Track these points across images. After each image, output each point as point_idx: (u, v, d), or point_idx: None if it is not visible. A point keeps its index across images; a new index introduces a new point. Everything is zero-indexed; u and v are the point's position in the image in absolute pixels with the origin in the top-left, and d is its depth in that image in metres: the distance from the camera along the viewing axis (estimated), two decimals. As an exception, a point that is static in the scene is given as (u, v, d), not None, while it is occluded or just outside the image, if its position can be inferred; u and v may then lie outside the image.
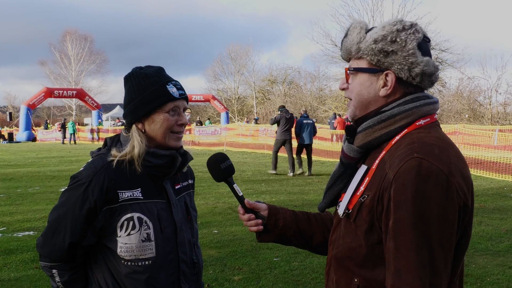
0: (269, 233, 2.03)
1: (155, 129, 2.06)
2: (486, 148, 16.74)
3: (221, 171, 2.04)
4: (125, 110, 2.11)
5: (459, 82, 39.42)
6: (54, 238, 2.01)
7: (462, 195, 1.47)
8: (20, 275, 5.86)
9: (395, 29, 1.63)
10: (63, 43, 63.04)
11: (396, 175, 1.49)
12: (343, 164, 1.78)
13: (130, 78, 2.11)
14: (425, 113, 1.64)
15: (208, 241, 7.19)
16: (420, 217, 1.43)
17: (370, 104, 1.70)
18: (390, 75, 1.65)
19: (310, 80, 55.96)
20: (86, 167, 2.05)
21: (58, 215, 2.02)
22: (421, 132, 1.60)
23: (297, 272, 5.90)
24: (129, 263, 2.01)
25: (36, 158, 23.03)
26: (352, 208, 1.64)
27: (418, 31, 1.65)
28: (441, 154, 1.50)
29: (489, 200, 10.81)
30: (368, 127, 1.67)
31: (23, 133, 42.37)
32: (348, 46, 1.72)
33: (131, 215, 2.00)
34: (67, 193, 2.03)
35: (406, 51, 1.61)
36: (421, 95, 1.67)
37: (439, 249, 1.43)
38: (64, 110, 67.54)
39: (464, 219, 1.50)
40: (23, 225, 8.46)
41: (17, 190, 12.58)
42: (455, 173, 1.48)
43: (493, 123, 31.43)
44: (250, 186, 12.96)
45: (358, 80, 1.71)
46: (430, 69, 1.63)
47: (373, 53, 1.64)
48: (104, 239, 2.02)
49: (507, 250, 6.82)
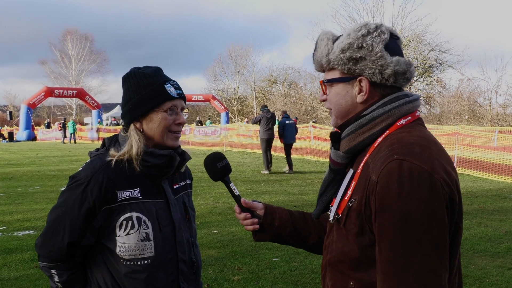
0: (265, 232, 2.05)
1: (153, 128, 2.07)
2: (486, 150, 16.72)
3: (217, 170, 2.05)
4: (123, 110, 2.12)
5: (459, 83, 39.46)
6: (53, 238, 2.02)
7: (448, 190, 1.47)
8: (19, 274, 5.87)
9: (360, 34, 1.64)
10: (64, 42, 63.07)
11: (378, 178, 1.49)
12: (332, 171, 1.79)
13: (128, 78, 2.12)
14: (405, 112, 1.65)
15: (208, 241, 7.19)
16: (406, 219, 1.43)
17: (350, 111, 1.71)
18: (363, 81, 1.66)
19: (310, 80, 55.95)
20: (85, 167, 2.06)
21: (57, 215, 2.02)
22: (402, 132, 1.61)
23: (297, 273, 5.91)
24: (128, 263, 2.01)
25: (36, 157, 23.05)
26: (341, 213, 1.65)
27: (384, 32, 1.65)
28: (422, 152, 1.50)
29: (489, 201, 10.81)
30: (351, 132, 1.68)
31: (23, 132, 42.39)
32: (319, 59, 1.74)
33: (130, 214, 2.01)
34: (66, 193, 2.04)
35: (374, 55, 1.62)
36: (400, 94, 1.67)
37: (430, 247, 1.42)
38: (65, 110, 67.58)
39: (453, 214, 1.50)
40: (23, 224, 8.47)
41: (17, 189, 12.60)
42: (439, 169, 1.47)
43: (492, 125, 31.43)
44: (249, 186, 12.97)
45: (334, 90, 1.72)
46: (402, 67, 1.64)
47: (343, 63, 1.66)
48: (103, 239, 2.03)
49: (506, 251, 6.83)
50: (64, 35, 63.20)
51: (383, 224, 1.47)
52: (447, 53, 40.30)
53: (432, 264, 1.43)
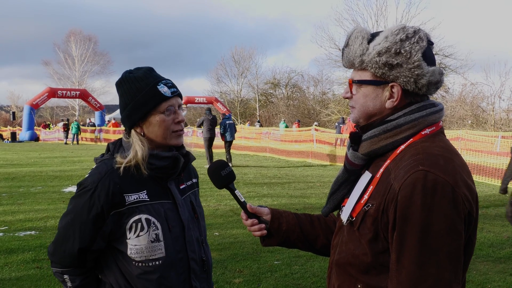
0: (273, 237, 2.04)
1: (153, 131, 2.08)
2: (489, 154, 16.68)
3: (222, 178, 2.06)
4: (122, 116, 2.13)
5: (463, 87, 39.28)
6: (64, 244, 2.05)
7: (468, 205, 1.47)
8: (21, 275, 5.87)
9: (398, 39, 1.59)
10: (68, 43, 63.04)
11: (401, 187, 1.48)
12: (347, 170, 1.78)
13: (121, 84, 2.13)
14: (431, 122, 1.63)
15: (209, 243, 7.07)
16: (426, 231, 1.43)
17: (376, 114, 1.69)
18: (396, 87, 1.63)
19: (313, 83, 55.96)
20: (91, 173, 2.07)
21: (67, 222, 2.06)
22: (426, 141, 1.59)
23: (298, 276, 5.90)
24: (139, 264, 2.03)
25: (38, 157, 23.07)
26: (356, 216, 1.63)
27: (422, 39, 1.61)
28: (447, 165, 1.49)
29: (491, 206, 10.80)
30: (374, 136, 1.66)
31: (26, 132, 42.44)
32: (351, 57, 1.69)
33: (139, 217, 2.03)
34: (74, 200, 2.07)
35: (412, 63, 1.58)
36: (427, 103, 1.65)
37: (448, 261, 1.43)
38: (68, 111, 67.63)
39: (468, 228, 1.50)
40: (25, 224, 8.47)
41: (19, 189, 12.62)
42: (461, 184, 1.47)
43: (496, 129, 31.34)
44: (252, 189, 12.95)
45: (363, 91, 1.68)
46: (436, 78, 1.61)
47: (378, 66, 1.61)
48: (115, 242, 2.06)
49: (509, 257, 6.81)
50: (68, 36, 63.26)
51: (403, 234, 1.46)
52: (450, 57, 40.30)
53: (448, 277, 1.43)
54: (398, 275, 1.47)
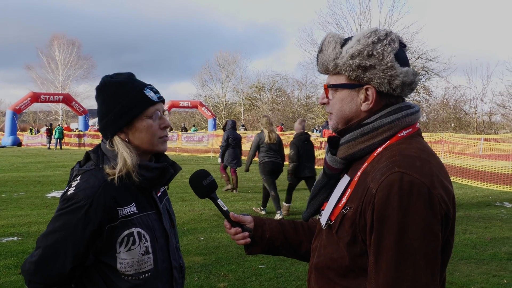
0: (257, 245, 2.03)
1: (140, 137, 2.01)
2: (472, 157, 16.87)
3: (203, 188, 2.05)
4: (103, 122, 2.04)
5: (445, 91, 39.76)
6: (51, 263, 1.90)
7: (445, 206, 1.47)
8: (3, 281, 5.79)
9: (370, 41, 1.61)
10: (51, 47, 62.58)
11: (378, 189, 1.48)
12: (326, 175, 1.78)
13: (103, 89, 2.04)
14: (407, 124, 1.64)
15: (194, 247, 7.17)
16: (403, 232, 1.43)
17: (352, 118, 1.69)
18: (370, 89, 1.64)
19: (297, 87, 56.17)
20: (81, 187, 1.92)
21: (56, 240, 1.90)
22: (403, 143, 1.59)
23: (283, 280, 5.90)
24: (129, 278, 1.96)
25: (21, 163, 22.81)
26: (334, 220, 1.63)
27: (394, 41, 1.63)
28: (423, 166, 1.49)
29: (474, 208, 10.89)
30: (351, 139, 1.66)
31: (8, 137, 41.99)
32: (325, 62, 1.70)
33: (131, 230, 1.95)
34: (63, 216, 1.90)
35: (385, 64, 1.59)
36: (403, 105, 1.66)
37: (425, 263, 1.43)
38: (51, 115, 67.01)
39: (446, 229, 1.50)
40: (7, 230, 8.37)
41: (1, 195, 12.45)
42: (437, 185, 1.48)
43: (478, 132, 31.71)
44: (236, 193, 12.94)
45: (339, 96, 1.69)
46: (410, 78, 1.62)
47: (351, 69, 1.62)
48: (103, 256, 1.95)
49: (491, 258, 6.87)
50: (51, 40, 62.80)
51: (380, 236, 1.46)
52: (433, 61, 40.74)
53: (425, 279, 1.43)
54: (376, 277, 1.47)
